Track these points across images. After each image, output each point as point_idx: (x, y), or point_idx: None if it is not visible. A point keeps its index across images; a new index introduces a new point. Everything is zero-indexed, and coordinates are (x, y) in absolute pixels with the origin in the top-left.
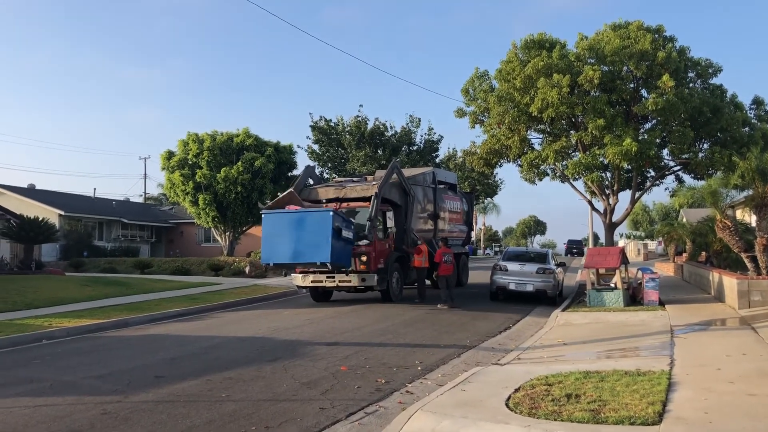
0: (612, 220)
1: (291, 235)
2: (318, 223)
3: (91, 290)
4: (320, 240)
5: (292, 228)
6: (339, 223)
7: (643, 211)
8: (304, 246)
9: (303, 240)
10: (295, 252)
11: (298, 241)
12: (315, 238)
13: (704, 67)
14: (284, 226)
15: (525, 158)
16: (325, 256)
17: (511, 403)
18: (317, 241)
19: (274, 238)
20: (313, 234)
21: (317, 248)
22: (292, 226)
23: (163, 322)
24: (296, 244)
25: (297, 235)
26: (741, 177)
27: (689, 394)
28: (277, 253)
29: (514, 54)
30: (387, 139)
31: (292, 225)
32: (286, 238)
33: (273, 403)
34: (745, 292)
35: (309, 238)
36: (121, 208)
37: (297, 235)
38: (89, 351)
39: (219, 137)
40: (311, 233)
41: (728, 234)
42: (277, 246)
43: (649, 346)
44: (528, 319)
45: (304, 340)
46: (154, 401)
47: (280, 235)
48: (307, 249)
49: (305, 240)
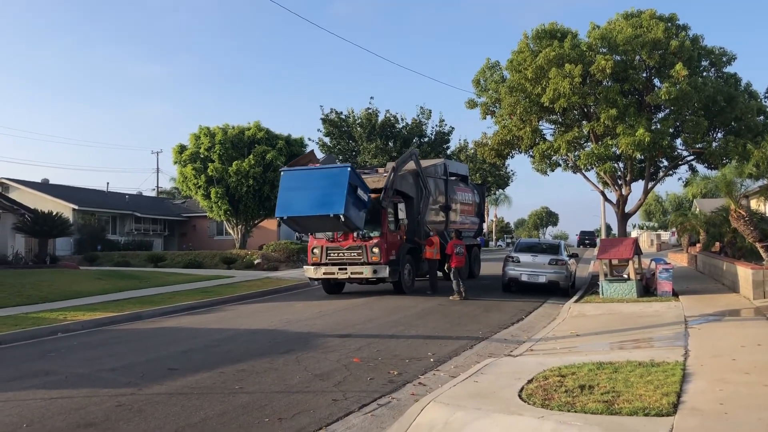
0: (625, 211)
1: (307, 190)
2: (335, 177)
3: (105, 284)
4: (335, 193)
5: (309, 183)
6: (355, 181)
7: (656, 201)
8: (319, 199)
9: (318, 194)
10: (310, 205)
11: (313, 195)
12: (330, 192)
13: (718, 56)
14: (301, 181)
15: (537, 149)
16: (339, 208)
17: (524, 395)
18: (332, 194)
19: (290, 193)
20: (329, 188)
21: (331, 201)
22: (309, 181)
23: (176, 315)
24: (311, 198)
25: (313, 190)
26: (756, 166)
27: (704, 385)
28: (292, 207)
29: (525, 44)
30: (398, 131)
31: (310, 180)
32: (302, 192)
33: (286, 394)
34: (760, 282)
35: (325, 191)
36: (134, 202)
37: (313, 189)
38: (103, 344)
39: (230, 131)
40: (327, 187)
41: (743, 224)
42: (292, 200)
43: (663, 336)
44: (540, 311)
45: (317, 332)
46: (167, 393)
47: (297, 189)
48: (321, 202)
49: (321, 194)
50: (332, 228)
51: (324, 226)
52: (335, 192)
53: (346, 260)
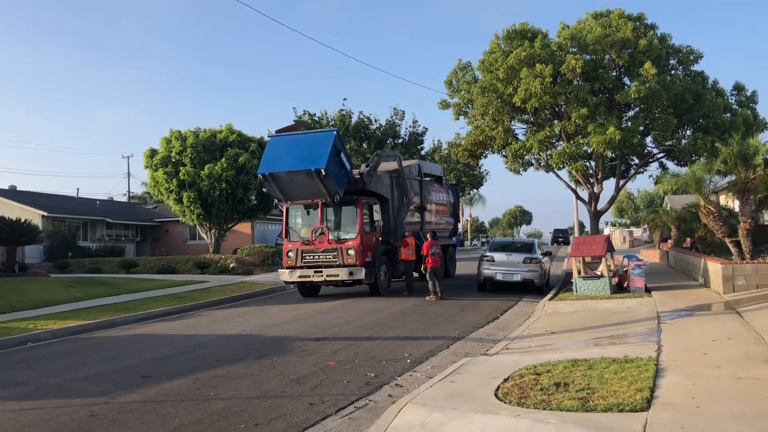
0: (597, 209)
1: (292, 150)
2: (320, 139)
3: (77, 291)
4: (319, 151)
5: (294, 145)
6: (339, 146)
7: (627, 198)
8: (303, 156)
9: (303, 152)
10: (292, 161)
11: (297, 154)
12: (314, 150)
13: (685, 54)
14: (287, 144)
15: (509, 149)
16: (321, 162)
17: (500, 393)
18: (316, 152)
19: (274, 154)
20: (313, 147)
21: (314, 156)
22: (295, 143)
23: (150, 322)
24: (295, 155)
25: (297, 150)
26: (724, 162)
27: (677, 380)
28: (275, 164)
29: (496, 44)
30: (372, 132)
31: (295, 143)
32: (287, 152)
33: (262, 400)
34: (730, 276)
35: (308, 150)
36: (105, 208)
37: (298, 150)
38: (75, 353)
39: (202, 134)
40: (312, 147)
41: (712, 219)
42: (275, 159)
43: (637, 332)
44: (516, 309)
45: (292, 336)
46: (141, 401)
47: (281, 150)
48: (304, 158)
49: (305, 152)
50: (312, 192)
51: (304, 189)
52: (319, 150)
53: (321, 263)
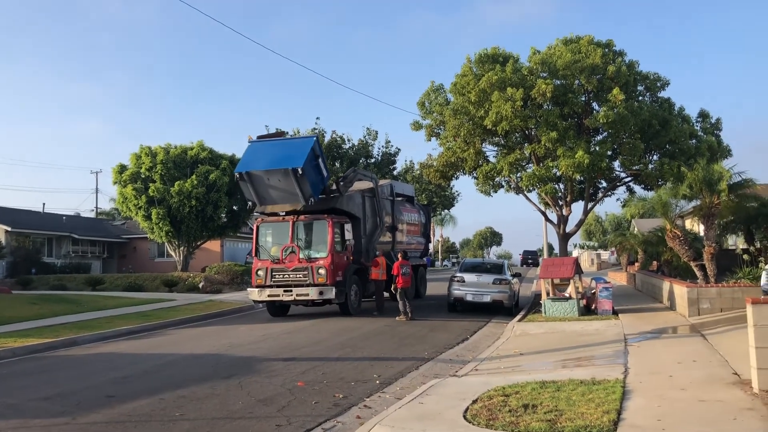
0: (566, 231)
1: (271, 153)
2: (299, 143)
3: (40, 308)
4: (297, 153)
5: (273, 148)
6: (318, 151)
7: (596, 221)
8: (280, 157)
9: (281, 154)
10: (270, 162)
11: (275, 156)
12: (292, 153)
13: (653, 81)
14: (266, 148)
15: (480, 170)
16: (299, 162)
17: (468, 415)
18: (294, 154)
19: (253, 156)
20: (292, 150)
21: (292, 157)
22: (274, 147)
23: (115, 340)
24: (273, 156)
25: (276, 152)
26: (689, 187)
27: (643, 402)
28: (252, 164)
29: (468, 68)
30: (344, 151)
31: (274, 146)
32: (265, 154)
33: (228, 421)
34: (695, 300)
35: (287, 153)
36: (72, 224)
37: (277, 152)
38: (36, 372)
39: (173, 150)
40: (291, 149)
41: (678, 243)
42: (254, 159)
43: (604, 354)
44: (485, 330)
45: (260, 356)
46: (104, 422)
47: (260, 152)
48: (282, 159)
49: (283, 154)
50: (287, 194)
51: (279, 190)
52: (297, 152)
53: (291, 282)
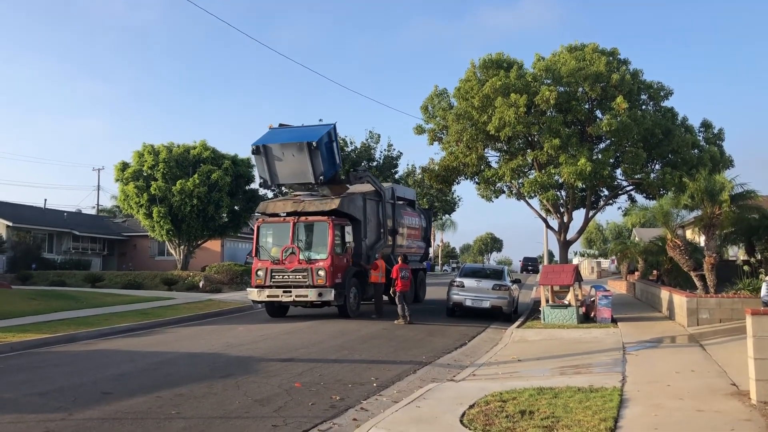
0: (566, 238)
1: (289, 133)
2: (317, 127)
3: (38, 304)
4: (313, 132)
5: (292, 131)
6: (334, 137)
7: (596, 229)
8: (297, 135)
9: (298, 134)
10: (287, 138)
11: (293, 135)
12: (310, 132)
13: (656, 90)
14: (285, 130)
15: (482, 176)
16: (315, 137)
17: (465, 420)
18: (311, 133)
19: (270, 135)
20: (309, 131)
21: (308, 134)
22: (293, 130)
23: (113, 338)
24: (290, 135)
25: (294, 133)
26: (691, 198)
27: (640, 411)
28: (269, 138)
29: (472, 73)
30: (347, 154)
31: (293, 130)
32: (282, 133)
33: (224, 420)
34: (694, 309)
35: (304, 132)
36: (73, 220)
37: (295, 133)
38: (33, 367)
39: (175, 149)
40: (308, 130)
41: (678, 253)
42: (271, 138)
43: (602, 362)
44: (483, 336)
45: (258, 357)
46: (100, 419)
47: (279, 133)
48: (298, 135)
49: (301, 133)
50: (299, 172)
51: (292, 166)
52: (314, 132)
53: (290, 283)
